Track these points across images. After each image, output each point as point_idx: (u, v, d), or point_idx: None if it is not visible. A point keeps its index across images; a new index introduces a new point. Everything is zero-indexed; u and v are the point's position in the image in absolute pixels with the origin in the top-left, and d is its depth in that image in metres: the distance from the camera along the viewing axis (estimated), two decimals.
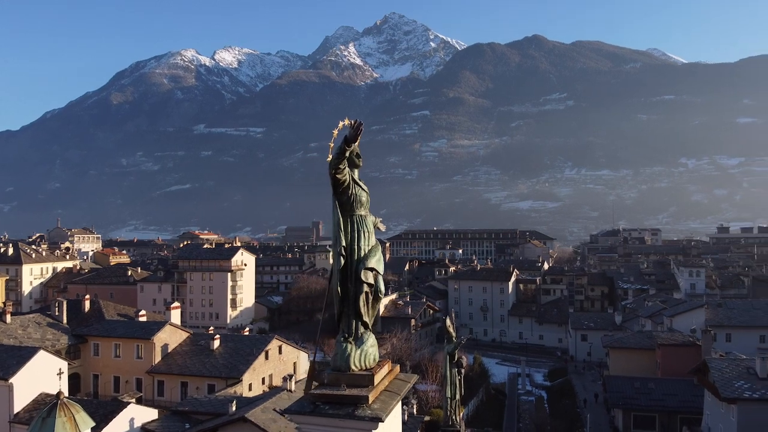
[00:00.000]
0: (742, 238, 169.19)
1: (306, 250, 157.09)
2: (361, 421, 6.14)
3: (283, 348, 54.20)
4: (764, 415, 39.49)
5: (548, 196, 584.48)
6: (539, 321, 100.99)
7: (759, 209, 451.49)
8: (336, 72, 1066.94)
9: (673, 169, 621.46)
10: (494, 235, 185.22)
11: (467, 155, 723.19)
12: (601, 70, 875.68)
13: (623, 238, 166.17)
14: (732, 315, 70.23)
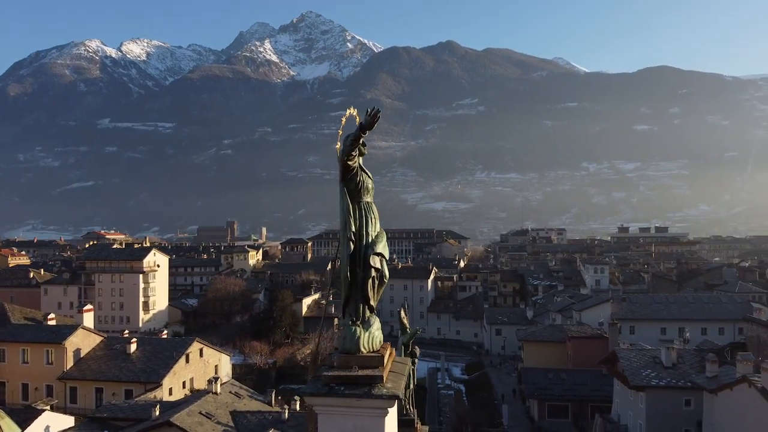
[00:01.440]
0: (640, 237, 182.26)
1: (222, 251, 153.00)
2: (380, 399, 6.41)
3: (204, 351, 52.79)
4: (669, 401, 42.72)
5: (461, 198, 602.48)
6: (456, 317, 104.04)
7: (654, 210, 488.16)
8: (251, 68, 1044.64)
9: (576, 173, 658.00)
10: (413, 234, 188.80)
11: (385, 156, 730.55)
12: (510, 77, 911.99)
13: (532, 238, 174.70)
14: (635, 309, 75.28)
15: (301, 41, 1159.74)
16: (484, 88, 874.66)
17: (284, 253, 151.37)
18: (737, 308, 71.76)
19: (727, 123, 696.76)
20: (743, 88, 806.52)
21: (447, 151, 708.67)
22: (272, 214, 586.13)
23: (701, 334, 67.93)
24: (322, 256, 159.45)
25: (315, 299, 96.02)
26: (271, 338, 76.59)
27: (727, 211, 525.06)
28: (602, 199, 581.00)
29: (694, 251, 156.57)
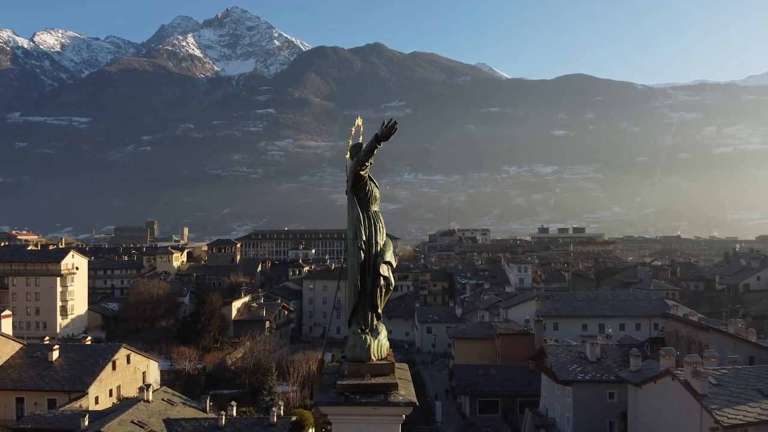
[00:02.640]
0: (559, 237, 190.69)
1: (144, 252, 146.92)
2: (397, 406, 6.47)
3: (131, 357, 50.70)
4: (595, 395, 44.93)
5: (389, 199, 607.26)
6: (388, 316, 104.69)
7: (570, 212, 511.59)
8: (173, 62, 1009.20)
9: (497, 176, 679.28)
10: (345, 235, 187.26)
11: (314, 156, 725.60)
12: (436, 81, 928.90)
13: (458, 238, 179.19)
14: (558, 306, 78.64)
15: (226, 36, 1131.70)
16: (411, 91, 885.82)
17: (211, 255, 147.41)
18: (652, 305, 76.45)
19: (638, 129, 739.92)
20: (653, 96, 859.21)
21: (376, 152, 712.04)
22: (194, 213, 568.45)
23: (620, 330, 71.73)
24: (251, 258, 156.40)
25: (245, 302, 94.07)
26: (200, 343, 74.43)
27: (637, 212, 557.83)
28: (522, 201, 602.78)
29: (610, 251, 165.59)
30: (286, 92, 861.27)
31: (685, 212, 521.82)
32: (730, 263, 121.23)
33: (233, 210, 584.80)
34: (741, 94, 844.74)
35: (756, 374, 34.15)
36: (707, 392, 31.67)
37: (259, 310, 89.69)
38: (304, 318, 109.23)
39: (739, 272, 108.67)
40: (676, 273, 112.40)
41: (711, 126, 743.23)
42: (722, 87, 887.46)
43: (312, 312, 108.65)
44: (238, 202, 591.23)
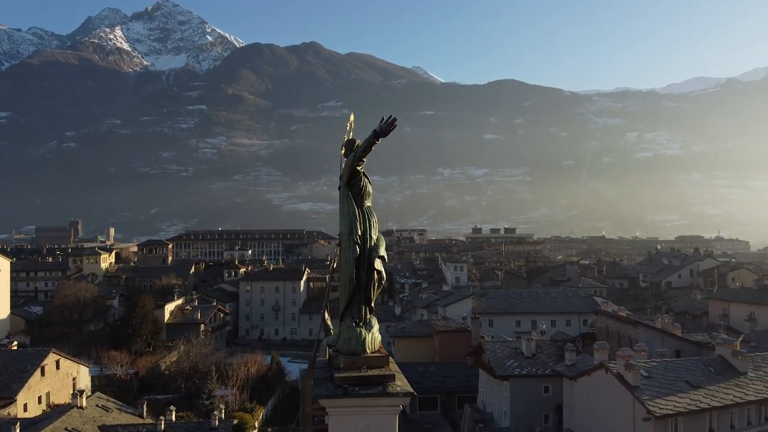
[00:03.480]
0: (492, 237, 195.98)
1: (70, 253, 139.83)
2: (396, 397, 6.55)
3: (61, 362, 48.32)
4: (531, 389, 46.37)
5: (327, 199, 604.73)
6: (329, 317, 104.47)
7: (500, 213, 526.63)
8: (99, 56, 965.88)
9: (432, 177, 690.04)
10: (282, 235, 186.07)
11: (248, 154, 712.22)
12: (373, 82, 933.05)
13: (397, 238, 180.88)
14: (493, 303, 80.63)
15: (156, 30, 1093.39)
16: (348, 91, 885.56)
17: (141, 256, 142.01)
18: (581, 302, 79.69)
19: (565, 134, 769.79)
20: (580, 102, 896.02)
21: (313, 151, 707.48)
22: (121, 213, 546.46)
23: (551, 326, 74.38)
24: (183, 259, 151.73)
25: (178, 305, 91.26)
26: (132, 347, 71.73)
27: (564, 214, 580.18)
28: (455, 202, 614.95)
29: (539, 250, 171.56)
30: (219, 89, 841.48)
31: (609, 213, 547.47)
32: (653, 262, 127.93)
33: (162, 209, 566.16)
34: (661, 102, 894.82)
35: (684, 366, 36.23)
36: (639, 384, 33.31)
37: (193, 312, 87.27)
38: (241, 321, 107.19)
39: (661, 270, 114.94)
40: (603, 271, 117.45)
41: (633, 132, 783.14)
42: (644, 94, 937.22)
43: (249, 314, 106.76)
44: (168, 202, 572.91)
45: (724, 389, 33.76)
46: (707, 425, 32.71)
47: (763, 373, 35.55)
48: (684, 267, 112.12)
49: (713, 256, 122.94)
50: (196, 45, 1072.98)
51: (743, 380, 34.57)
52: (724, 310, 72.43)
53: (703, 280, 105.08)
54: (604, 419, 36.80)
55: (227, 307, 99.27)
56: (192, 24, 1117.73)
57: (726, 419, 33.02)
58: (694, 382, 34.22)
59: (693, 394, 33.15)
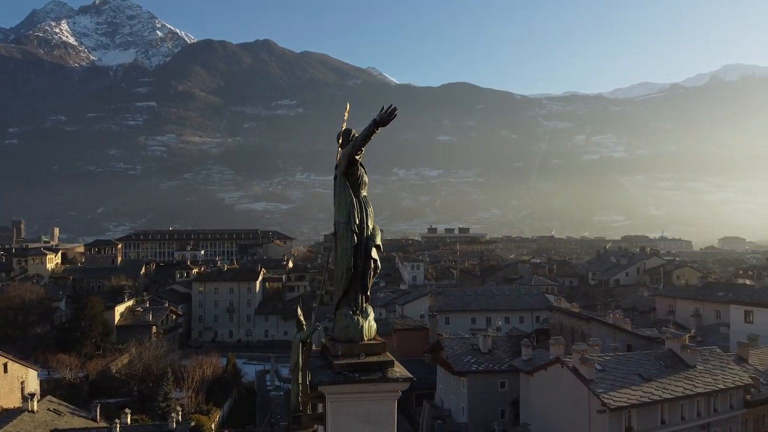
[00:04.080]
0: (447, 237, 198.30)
1: (14, 254, 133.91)
2: (396, 382, 6.60)
3: (9, 366, 46.39)
4: (487, 384, 47.16)
5: (281, 198, 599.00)
6: (285, 317, 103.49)
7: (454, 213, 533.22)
8: (44, 50, 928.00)
9: (388, 178, 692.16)
10: (236, 235, 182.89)
11: (199, 153, 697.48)
12: (327, 82, 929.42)
13: None
14: (449, 301, 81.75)
15: (103, 24, 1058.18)
16: (302, 90, 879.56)
17: (89, 257, 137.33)
18: (534, 299, 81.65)
19: (516, 137, 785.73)
20: (530, 105, 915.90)
21: (266, 150, 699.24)
22: (66, 212, 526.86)
23: (505, 322, 75.93)
24: (132, 259, 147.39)
25: (129, 306, 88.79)
26: (81, 350, 69.44)
27: (514, 214, 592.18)
28: (410, 203, 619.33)
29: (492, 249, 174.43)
30: (169, 85, 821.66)
31: (557, 214, 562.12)
32: (601, 261, 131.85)
33: (109, 209, 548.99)
34: (608, 106, 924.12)
35: (635, 360, 37.55)
36: (594, 377, 34.35)
37: (144, 314, 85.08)
38: (194, 322, 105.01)
39: (609, 269, 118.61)
40: (553, 270, 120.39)
41: (581, 135, 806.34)
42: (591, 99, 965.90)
43: (202, 316, 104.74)
44: (115, 201, 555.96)
45: (675, 382, 35.17)
46: (659, 417, 34.02)
47: (711, 366, 37.19)
48: (631, 265, 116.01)
49: (659, 255, 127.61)
50: (145, 40, 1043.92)
51: (692, 373, 36.11)
52: (670, 306, 75.31)
53: (649, 278, 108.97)
54: (560, 412, 37.72)
55: (180, 308, 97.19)
56: (141, 19, 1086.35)
57: (677, 411, 34.40)
58: (646, 375, 35.51)
59: (645, 386, 34.39)
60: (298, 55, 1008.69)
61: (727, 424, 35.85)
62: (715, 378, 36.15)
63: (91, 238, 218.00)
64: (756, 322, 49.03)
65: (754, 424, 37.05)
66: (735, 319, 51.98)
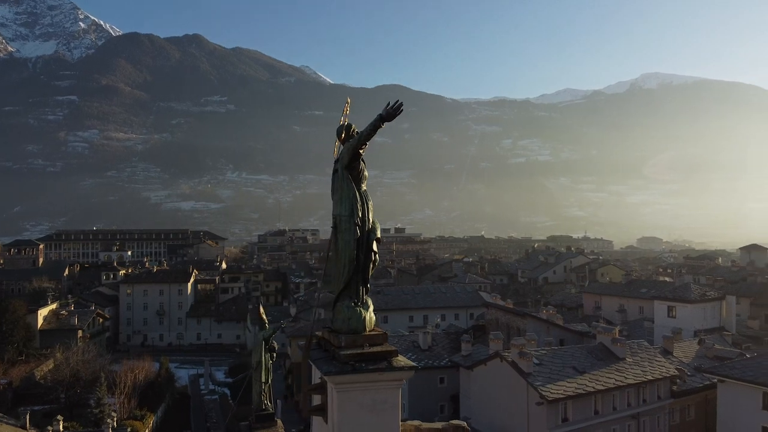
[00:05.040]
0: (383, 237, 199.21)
1: None
2: (402, 371, 6.82)
3: None
4: (427, 381, 48.12)
5: (211, 198, 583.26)
6: (218, 320, 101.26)
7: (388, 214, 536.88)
8: None
9: (323, 178, 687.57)
10: (164, 235, 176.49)
11: (123, 149, 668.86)
12: (260, 79, 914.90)
13: (290, 238, 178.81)
14: (387, 300, 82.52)
15: (22, 15, 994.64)
16: (234, 86, 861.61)
17: (8, 258, 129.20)
18: (468, 296, 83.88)
19: (447, 140, 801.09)
20: (460, 110, 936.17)
21: (195, 147, 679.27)
22: None
23: (442, 320, 77.61)
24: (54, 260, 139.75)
25: (52, 309, 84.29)
26: (3, 356, 65.52)
27: (446, 215, 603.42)
28: None
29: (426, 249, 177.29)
30: (91, 79, 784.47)
31: (486, 215, 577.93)
32: (530, 259, 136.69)
33: (26, 208, 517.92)
34: (534, 111, 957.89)
35: (569, 354, 39.34)
36: (532, 371, 35.77)
37: (69, 318, 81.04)
38: (122, 326, 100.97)
39: (537, 267, 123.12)
40: (485, 268, 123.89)
41: (508, 139, 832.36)
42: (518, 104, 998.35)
43: (131, 319, 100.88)
44: (33, 200, 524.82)
45: (607, 374, 37.12)
46: (593, 407, 35.81)
47: (640, 359, 39.47)
48: (558, 264, 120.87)
49: (584, 254, 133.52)
50: (67, 32, 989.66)
51: (623, 365, 38.22)
52: (597, 302, 79.07)
53: (575, 276, 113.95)
54: (500, 405, 38.98)
55: (107, 311, 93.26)
56: (63, 9, 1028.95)
57: (609, 401, 36.32)
58: (580, 368, 37.29)
59: (580, 378, 36.11)
60: (229, 51, 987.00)
61: (655, 414, 38.14)
62: (643, 370, 38.37)
63: (7, 238, 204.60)
64: (678, 317, 52.37)
65: (680, 413, 39.56)
66: (659, 314, 55.25)
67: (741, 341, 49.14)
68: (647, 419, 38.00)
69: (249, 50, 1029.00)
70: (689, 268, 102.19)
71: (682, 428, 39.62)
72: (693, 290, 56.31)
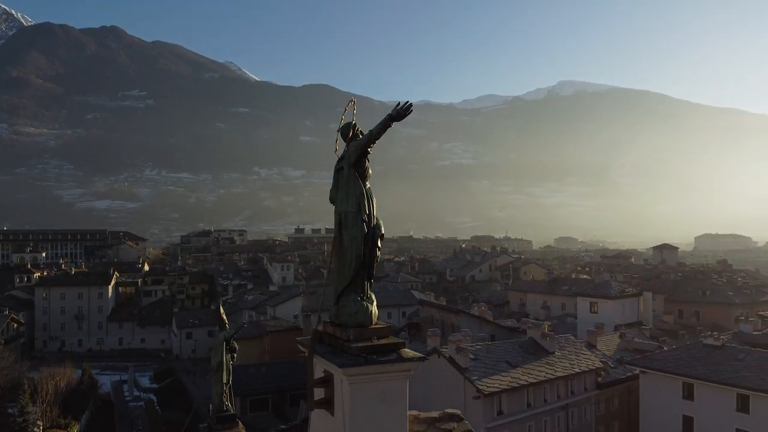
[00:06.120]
0: (314, 237, 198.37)
1: None
2: (411, 362, 6.99)
3: None
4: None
5: (128, 197, 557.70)
6: (141, 324, 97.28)
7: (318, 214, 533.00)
8: None
9: (248, 177, 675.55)
10: (81, 236, 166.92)
11: (34, 145, 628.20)
12: (182, 74, 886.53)
13: (215, 239, 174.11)
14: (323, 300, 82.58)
15: None
16: (154, 81, 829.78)
17: None
18: (401, 295, 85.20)
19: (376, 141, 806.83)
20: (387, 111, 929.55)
21: (112, 144, 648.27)
22: None
23: None
24: None
25: None
26: None
27: None
28: (273, 203, 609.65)
29: None
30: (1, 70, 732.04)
31: (413, 215, 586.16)
32: (457, 259, 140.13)
33: None
34: (457, 116, 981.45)
35: (502, 348, 40.85)
36: (469, 366, 36.92)
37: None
38: (38, 331, 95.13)
39: (465, 266, 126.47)
40: (415, 267, 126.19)
41: (434, 142, 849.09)
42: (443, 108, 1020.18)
43: (47, 324, 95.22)
44: None
45: (538, 367, 38.84)
46: (525, 400, 37.39)
47: (567, 353, 41.55)
48: (484, 263, 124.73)
49: (507, 253, 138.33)
50: None
51: (552, 359, 40.11)
52: (521, 299, 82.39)
53: (500, 274, 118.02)
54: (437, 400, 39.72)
55: (21, 316, 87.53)
56: None
57: (540, 394, 38.02)
58: (513, 362, 38.84)
59: (513, 372, 37.61)
60: (149, 45, 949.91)
61: (582, 405, 40.27)
62: (571, 363, 40.43)
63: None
64: (600, 312, 55.48)
65: (605, 404, 41.95)
66: (582, 310, 58.27)
67: (658, 335, 52.67)
68: (575, 410, 40.04)
69: (170, 44, 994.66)
70: (606, 267, 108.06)
71: (606, 418, 42.04)
72: (613, 287, 59.79)
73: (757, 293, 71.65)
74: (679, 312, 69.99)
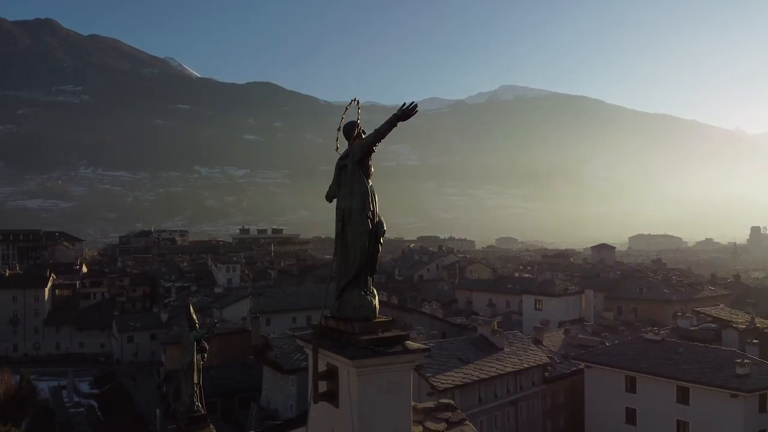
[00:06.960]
0: (260, 238, 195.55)
1: None
2: (415, 353, 7.30)
3: None
4: None
5: (61, 195, 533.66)
6: (80, 328, 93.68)
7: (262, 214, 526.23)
8: None
9: (188, 175, 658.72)
10: (13, 236, 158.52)
11: None
12: (119, 69, 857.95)
13: (156, 239, 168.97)
14: (270, 302, 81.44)
15: None
16: (90, 76, 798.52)
17: None
18: None
19: (321, 141, 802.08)
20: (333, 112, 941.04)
21: (45, 140, 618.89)
22: None
23: None
24: None
25: None
26: None
27: (321, 216, 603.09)
28: (215, 203, 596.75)
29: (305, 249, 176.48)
30: None
31: None
32: (406, 258, 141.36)
33: None
34: None
35: (455, 345, 41.87)
36: (423, 363, 37.63)
37: None
38: None
39: (413, 265, 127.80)
40: None
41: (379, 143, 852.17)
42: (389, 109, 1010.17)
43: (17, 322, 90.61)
44: None
45: (488, 363, 40.02)
46: (477, 395, 38.44)
47: (516, 348, 42.94)
48: (432, 262, 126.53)
49: (454, 252, 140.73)
50: None
51: (501, 355, 41.39)
52: (468, 297, 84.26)
53: (446, 273, 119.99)
54: None
55: None
56: None
57: (491, 389, 39.19)
58: (465, 359, 39.87)
59: (465, 368, 38.62)
60: (85, 38, 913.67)
61: (530, 399, 41.73)
62: (519, 358, 41.86)
63: None
64: (544, 309, 57.52)
65: (551, 397, 43.56)
66: (527, 307, 60.24)
67: (599, 330, 55.07)
68: (524, 404, 41.46)
69: (107, 38, 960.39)
70: (547, 266, 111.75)
71: (553, 411, 43.68)
72: (556, 285, 62.04)
73: (692, 290, 75.82)
74: (618, 309, 73.29)
